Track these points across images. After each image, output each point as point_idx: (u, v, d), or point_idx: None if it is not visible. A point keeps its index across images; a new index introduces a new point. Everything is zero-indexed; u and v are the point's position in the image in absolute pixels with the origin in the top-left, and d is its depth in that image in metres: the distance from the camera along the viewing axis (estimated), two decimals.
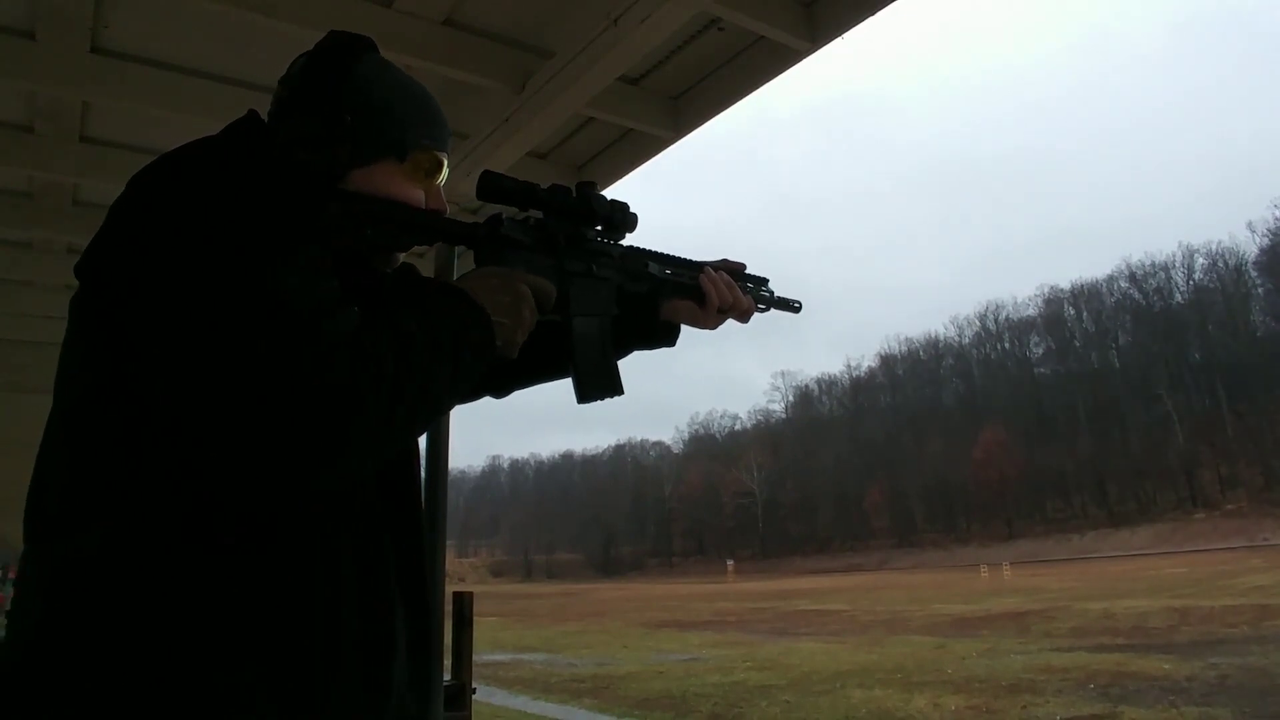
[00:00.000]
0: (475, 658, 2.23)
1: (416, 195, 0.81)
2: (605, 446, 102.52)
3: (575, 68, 1.68)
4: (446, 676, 2.06)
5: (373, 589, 0.70)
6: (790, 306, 1.16)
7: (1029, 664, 10.08)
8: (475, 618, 2.29)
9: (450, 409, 0.77)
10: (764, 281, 1.12)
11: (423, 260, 2.57)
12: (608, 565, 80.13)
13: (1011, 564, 38.60)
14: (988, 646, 12.05)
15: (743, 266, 1.08)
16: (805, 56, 1.79)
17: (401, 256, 0.86)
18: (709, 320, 1.03)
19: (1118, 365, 66.96)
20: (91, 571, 0.60)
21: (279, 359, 0.57)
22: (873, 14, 1.65)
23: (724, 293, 1.01)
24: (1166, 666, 9.06)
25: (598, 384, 0.90)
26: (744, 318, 1.06)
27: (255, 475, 0.58)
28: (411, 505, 0.80)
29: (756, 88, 1.93)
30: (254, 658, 0.61)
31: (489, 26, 1.78)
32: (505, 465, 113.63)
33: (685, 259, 1.03)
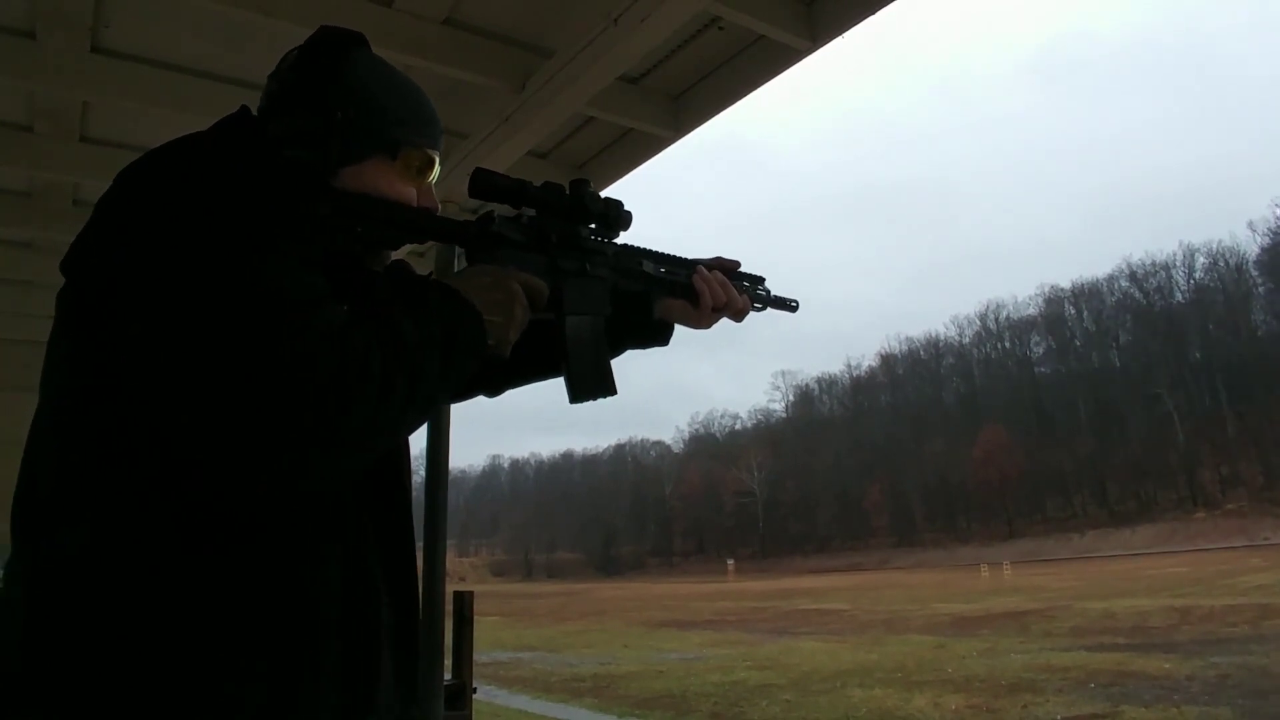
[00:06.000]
0: (475, 657, 2.24)
1: (408, 193, 0.80)
2: (605, 446, 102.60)
3: (575, 67, 1.68)
4: (447, 676, 2.06)
5: (358, 590, 0.69)
6: (787, 305, 1.15)
7: (1029, 663, 10.08)
8: (475, 617, 2.29)
9: (441, 406, 0.76)
10: (760, 280, 1.10)
11: (422, 260, 2.56)
12: (608, 565, 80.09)
13: (1012, 563, 38.60)
14: (988, 646, 12.04)
15: (737, 265, 1.06)
16: (805, 56, 1.79)
17: (394, 254, 0.86)
18: (703, 320, 1.02)
19: (1118, 364, 66.87)
20: (75, 569, 0.59)
21: (264, 354, 0.56)
22: (873, 13, 1.65)
23: (717, 292, 1.00)
24: (1167, 666, 9.06)
25: (591, 383, 0.88)
26: (738, 317, 1.05)
27: (242, 472, 0.57)
28: (400, 503, 0.79)
29: (757, 87, 1.93)
30: (239, 658, 0.61)
31: (489, 26, 1.78)
32: (506, 465, 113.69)
33: (679, 257, 1.01)
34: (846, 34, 1.70)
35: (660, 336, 1.04)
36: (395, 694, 0.72)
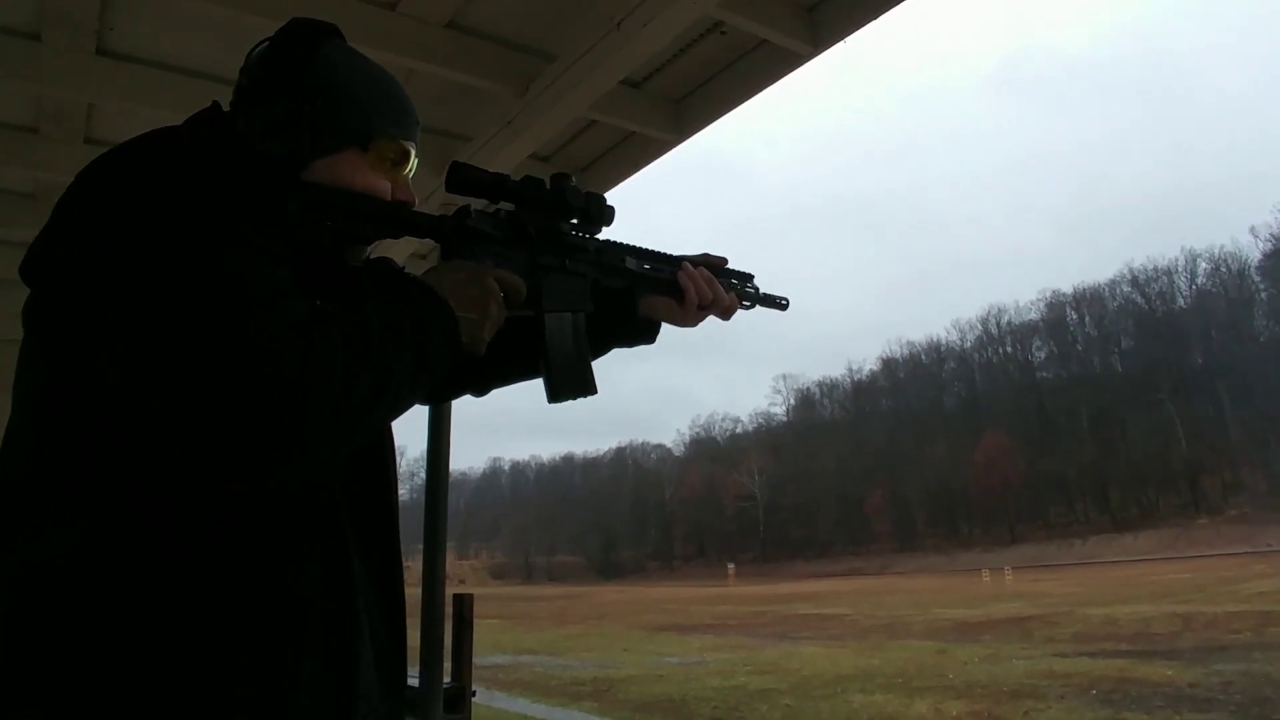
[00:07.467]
0: (475, 660, 2.23)
1: (382, 186, 0.78)
2: (606, 449, 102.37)
3: (578, 71, 1.69)
4: (446, 679, 2.05)
5: (340, 587, 0.68)
6: (776, 304, 1.11)
7: (1031, 669, 10.03)
8: (475, 620, 2.28)
9: (415, 404, 0.75)
10: (748, 278, 1.07)
11: (425, 262, 2.57)
12: (608, 568, 79.91)
13: (1013, 569, 38.41)
14: (990, 652, 11.99)
15: (724, 261, 1.03)
16: (807, 60, 1.80)
17: (380, 251, 0.85)
18: (688, 317, 0.99)
19: (1120, 369, 66.72)
20: (56, 572, 0.59)
21: (228, 349, 0.55)
22: (874, 18, 1.66)
23: (703, 289, 0.97)
24: (1170, 673, 9.02)
25: (570, 382, 0.86)
26: (725, 315, 1.02)
27: (209, 473, 0.56)
28: (384, 500, 0.78)
29: (758, 91, 1.94)
30: (223, 656, 0.60)
31: (492, 30, 1.78)
32: (506, 467, 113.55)
33: (664, 254, 0.98)
34: (848, 39, 1.71)
35: (646, 335, 1.01)
36: (379, 690, 0.71)
